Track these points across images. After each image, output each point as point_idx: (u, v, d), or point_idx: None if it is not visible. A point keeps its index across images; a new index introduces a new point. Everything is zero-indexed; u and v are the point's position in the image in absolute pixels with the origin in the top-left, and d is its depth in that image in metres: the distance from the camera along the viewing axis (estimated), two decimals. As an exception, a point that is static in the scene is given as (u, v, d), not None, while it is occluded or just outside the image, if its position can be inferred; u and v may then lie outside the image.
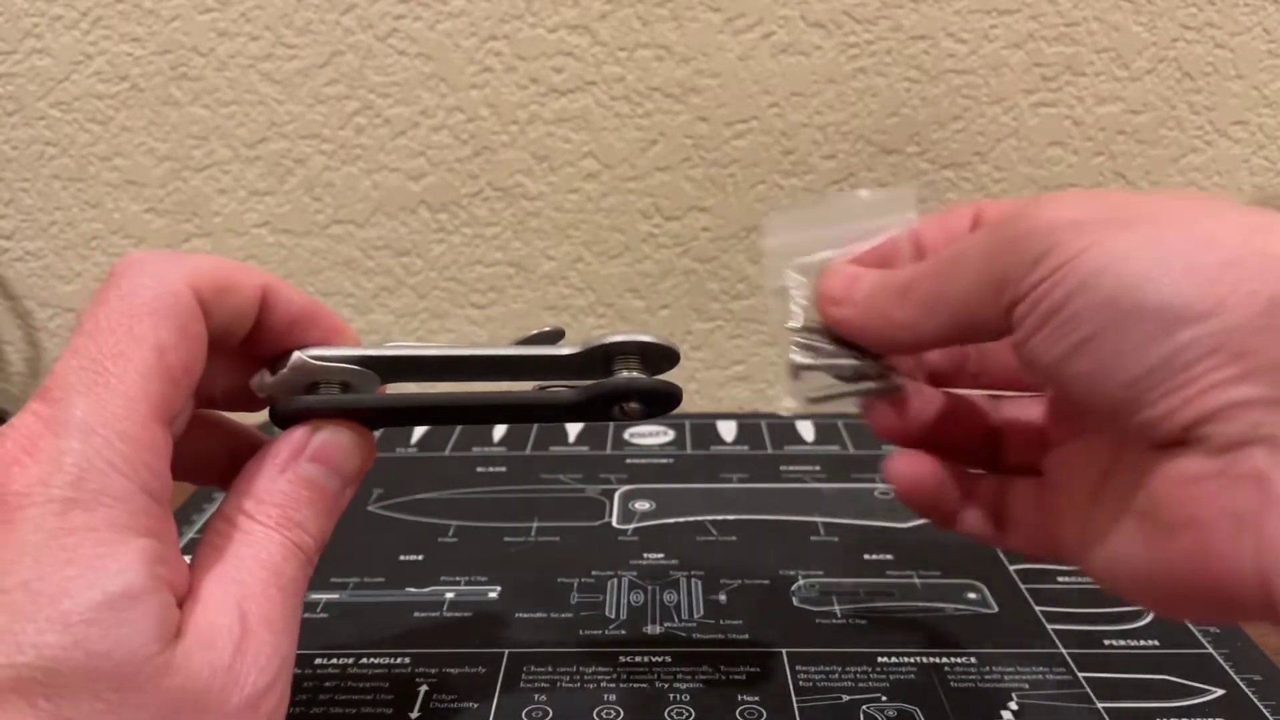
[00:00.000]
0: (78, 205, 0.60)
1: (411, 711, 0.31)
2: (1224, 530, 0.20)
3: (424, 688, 0.33)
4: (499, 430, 0.55)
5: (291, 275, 0.61)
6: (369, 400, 0.27)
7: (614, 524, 0.44)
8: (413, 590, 0.39)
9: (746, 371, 0.63)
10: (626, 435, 0.54)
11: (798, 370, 0.28)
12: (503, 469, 0.50)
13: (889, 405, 0.29)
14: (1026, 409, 0.30)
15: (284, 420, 0.27)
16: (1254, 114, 0.57)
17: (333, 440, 0.26)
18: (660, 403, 0.28)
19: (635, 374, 0.27)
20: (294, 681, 0.33)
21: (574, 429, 0.55)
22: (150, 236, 0.60)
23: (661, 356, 0.28)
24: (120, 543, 0.21)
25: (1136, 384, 0.21)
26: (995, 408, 0.31)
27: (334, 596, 0.38)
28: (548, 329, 0.28)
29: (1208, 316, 0.20)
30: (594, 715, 0.31)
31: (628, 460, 0.51)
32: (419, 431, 0.55)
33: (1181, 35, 0.56)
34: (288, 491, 0.25)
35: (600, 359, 0.28)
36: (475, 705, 0.32)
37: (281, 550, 0.24)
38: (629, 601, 0.38)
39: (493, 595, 0.39)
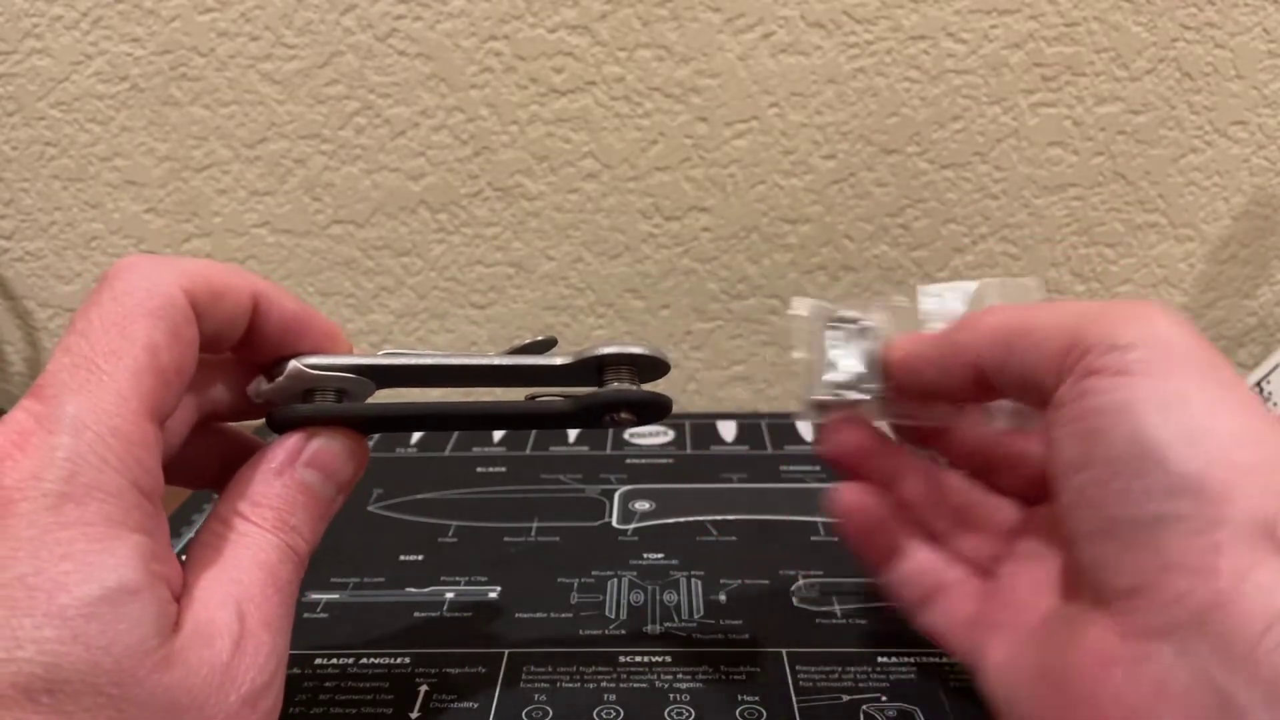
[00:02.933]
0: (78, 205, 0.60)
1: (411, 711, 0.31)
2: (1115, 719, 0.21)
3: (424, 688, 0.33)
4: (499, 431, 0.55)
5: (291, 275, 0.61)
6: (364, 409, 0.27)
7: (614, 524, 0.44)
8: (413, 590, 0.39)
9: (746, 372, 0.63)
10: (626, 435, 0.54)
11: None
12: (503, 469, 0.50)
13: (854, 423, 0.30)
14: (1001, 508, 0.31)
15: (281, 426, 0.27)
16: (1254, 114, 0.57)
17: (328, 447, 0.27)
18: (650, 412, 0.28)
19: (626, 385, 0.28)
20: (294, 681, 0.33)
21: (573, 429, 0.55)
22: (150, 236, 0.60)
23: (652, 366, 0.28)
24: (115, 538, 0.21)
25: (1115, 526, 0.21)
26: (967, 490, 0.31)
27: (334, 596, 0.38)
28: (540, 338, 0.28)
29: (1214, 502, 0.20)
30: (594, 715, 0.31)
31: (628, 460, 0.51)
32: (419, 432, 0.55)
33: (1181, 35, 0.56)
34: (283, 495, 0.25)
35: (592, 368, 0.28)
36: (475, 705, 0.32)
37: (278, 552, 0.25)
38: (629, 601, 0.38)
39: (493, 595, 0.39)
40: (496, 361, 0.28)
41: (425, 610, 0.38)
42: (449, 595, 0.39)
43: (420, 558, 0.42)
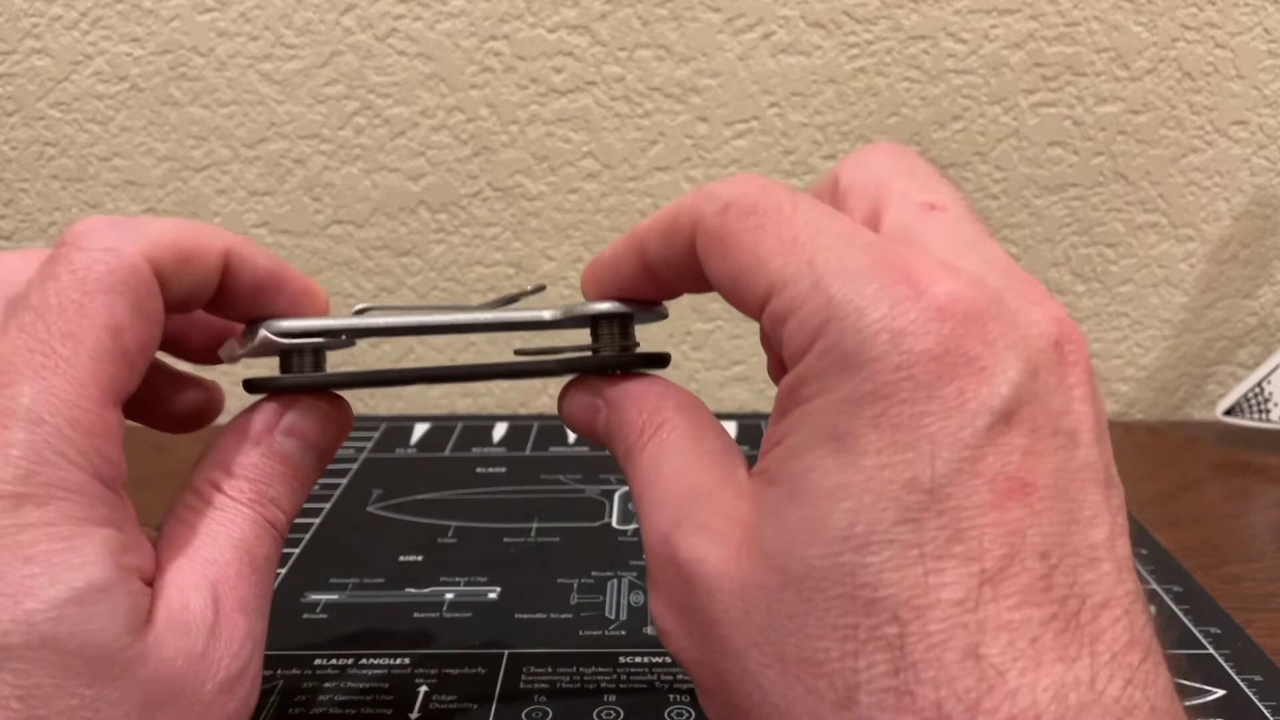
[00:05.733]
0: (77, 205, 0.60)
1: (411, 712, 0.31)
2: None
3: (423, 688, 0.33)
4: (499, 431, 0.55)
5: (291, 275, 0.61)
6: (343, 376, 0.26)
7: (614, 524, 0.44)
8: (412, 591, 0.39)
9: (746, 372, 0.63)
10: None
11: None
12: (502, 469, 0.50)
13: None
14: None
15: (258, 390, 0.26)
16: (1254, 114, 0.57)
17: (307, 414, 0.25)
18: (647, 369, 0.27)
19: (619, 342, 0.26)
20: (293, 682, 0.33)
21: (574, 429, 0.55)
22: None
23: (646, 319, 0.27)
24: (80, 535, 0.20)
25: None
26: None
27: (333, 597, 0.38)
28: (530, 288, 0.28)
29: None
30: (594, 716, 0.31)
31: (628, 460, 0.51)
32: (419, 432, 0.55)
33: (1182, 35, 0.56)
34: (261, 466, 0.24)
35: (584, 323, 0.27)
36: (475, 706, 0.32)
37: (255, 528, 0.24)
38: (629, 602, 0.38)
39: (492, 596, 0.38)
40: (480, 318, 0.27)
41: (425, 611, 0.37)
42: (449, 596, 0.38)
43: (420, 558, 0.41)
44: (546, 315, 0.26)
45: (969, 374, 0.18)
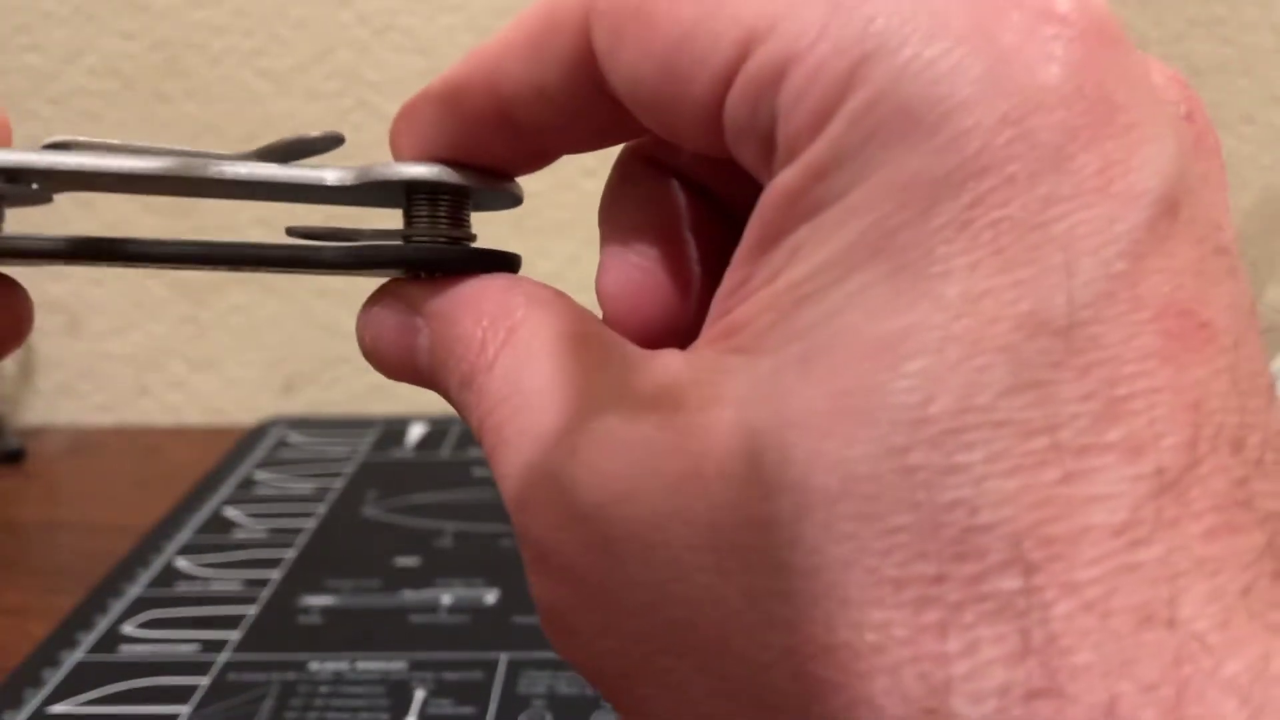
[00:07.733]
0: (70, 204, 0.59)
1: (407, 717, 0.31)
2: None
3: (420, 693, 0.32)
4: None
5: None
6: (13, 241, 0.18)
7: (614, 526, 0.44)
8: (409, 594, 0.38)
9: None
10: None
11: None
12: (501, 470, 0.50)
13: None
14: None
15: None
16: (1262, 111, 0.57)
17: None
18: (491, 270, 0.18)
19: (439, 231, 0.18)
20: (288, 686, 0.32)
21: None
22: (143, 235, 0.60)
23: (489, 200, 0.19)
24: None
25: None
26: None
27: (329, 600, 0.38)
28: (316, 134, 0.18)
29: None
30: (594, 721, 0.31)
31: (628, 461, 0.51)
32: (415, 433, 0.55)
33: (1188, 31, 0.55)
34: None
35: (395, 193, 0.18)
36: (472, 710, 0.31)
37: None
38: (630, 605, 0.38)
39: (490, 599, 0.38)
40: (229, 171, 0.18)
41: (421, 614, 0.37)
42: (445, 599, 0.38)
43: (416, 561, 0.41)
44: (330, 178, 0.18)
45: (1113, 134, 0.11)
